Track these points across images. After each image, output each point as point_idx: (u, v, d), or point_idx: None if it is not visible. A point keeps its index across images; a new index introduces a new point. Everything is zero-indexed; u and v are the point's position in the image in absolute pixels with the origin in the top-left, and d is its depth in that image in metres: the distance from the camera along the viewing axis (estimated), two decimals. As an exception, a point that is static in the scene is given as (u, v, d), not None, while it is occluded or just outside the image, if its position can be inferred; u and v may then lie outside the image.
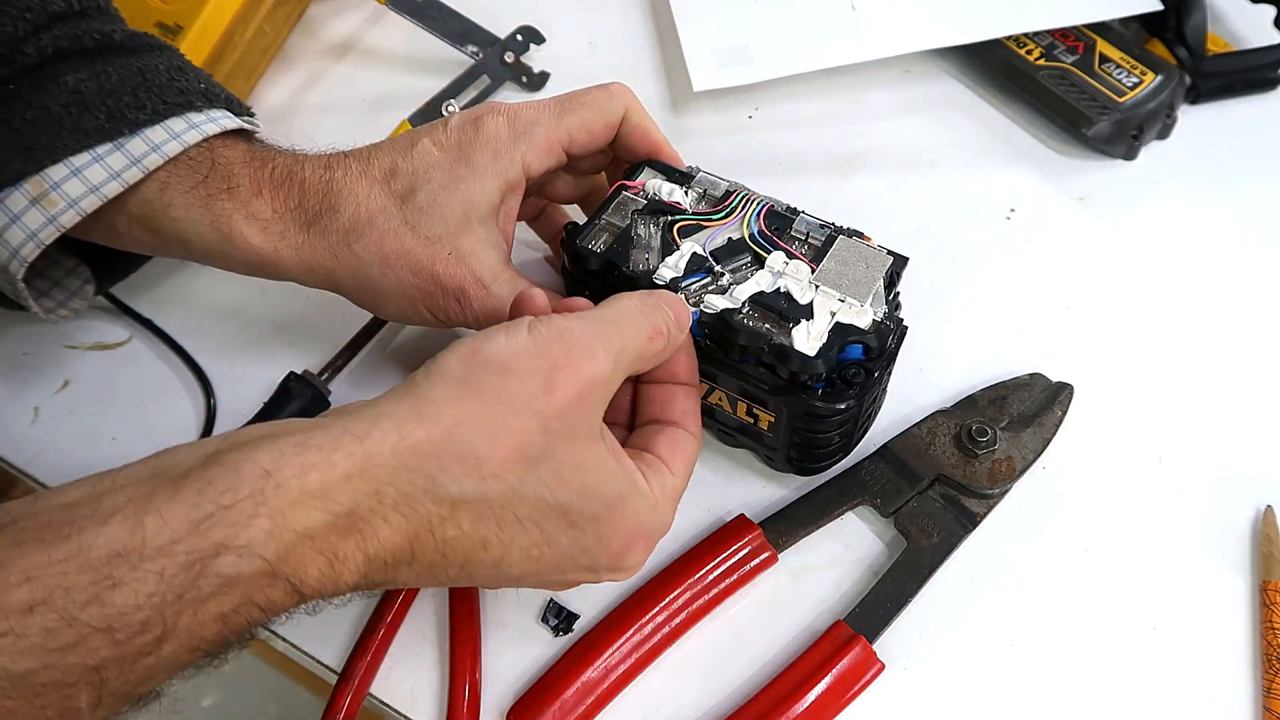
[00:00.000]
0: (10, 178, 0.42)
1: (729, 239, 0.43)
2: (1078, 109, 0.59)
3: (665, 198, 0.45)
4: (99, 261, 0.51)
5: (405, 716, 0.44)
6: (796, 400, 0.42)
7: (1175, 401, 0.52)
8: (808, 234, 0.43)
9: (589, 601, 0.45)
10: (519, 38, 0.65)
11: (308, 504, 0.30)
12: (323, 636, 0.45)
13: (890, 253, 0.43)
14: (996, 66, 0.63)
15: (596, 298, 0.45)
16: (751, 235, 0.43)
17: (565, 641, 0.45)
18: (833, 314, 0.41)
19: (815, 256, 0.43)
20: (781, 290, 0.41)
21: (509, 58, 0.64)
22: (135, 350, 0.54)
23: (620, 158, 0.48)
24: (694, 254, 0.42)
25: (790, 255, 0.42)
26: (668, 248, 0.43)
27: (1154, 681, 0.44)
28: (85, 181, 0.42)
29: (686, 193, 0.45)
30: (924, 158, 0.62)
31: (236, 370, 0.53)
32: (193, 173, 0.43)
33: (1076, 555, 0.47)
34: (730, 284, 0.42)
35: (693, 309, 0.41)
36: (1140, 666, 0.44)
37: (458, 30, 0.64)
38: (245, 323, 0.55)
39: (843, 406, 0.41)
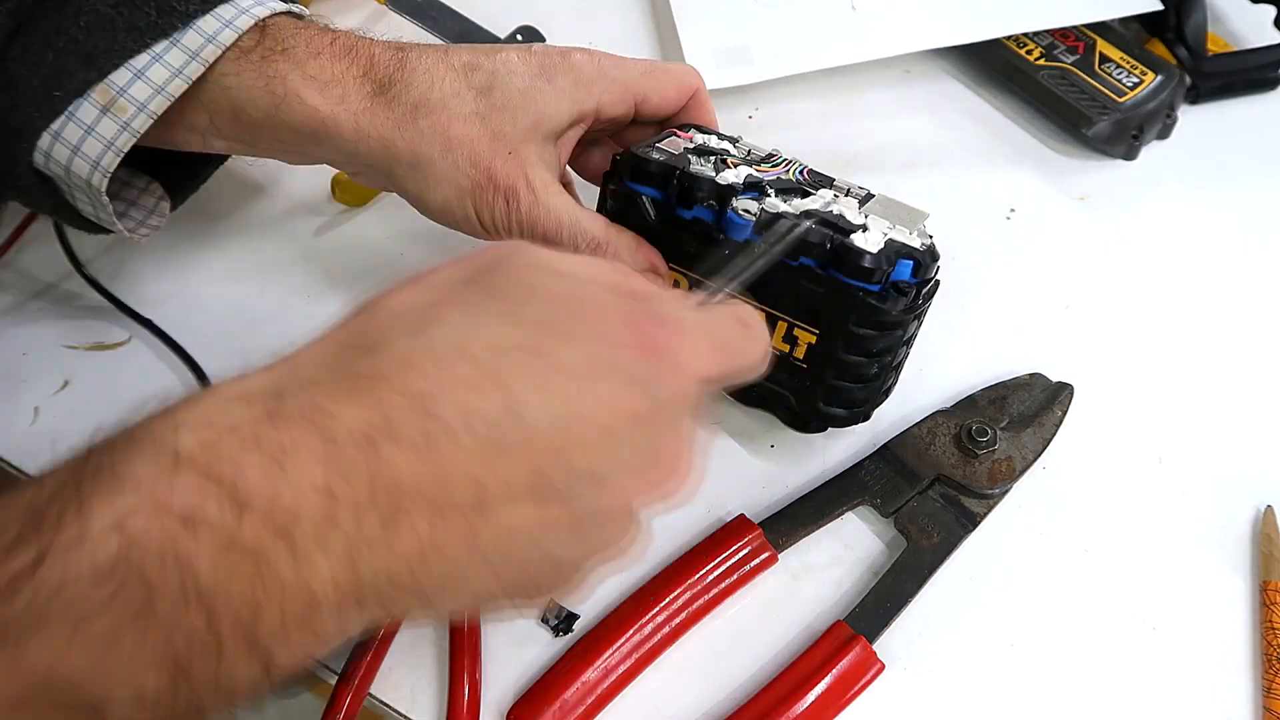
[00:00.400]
0: (77, 88, 0.41)
1: (779, 177, 0.45)
2: (1078, 109, 0.59)
3: (714, 145, 0.46)
4: (168, 176, 0.51)
5: (405, 716, 0.44)
6: (850, 299, 0.41)
7: (1175, 401, 0.52)
8: (848, 189, 0.45)
9: (589, 601, 0.45)
10: (519, 38, 0.65)
11: (225, 409, 0.25)
12: (323, 636, 0.45)
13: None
14: (996, 66, 0.63)
15: (652, 206, 0.44)
16: (798, 180, 0.45)
17: (565, 641, 0.45)
18: (884, 233, 0.42)
19: (859, 202, 0.44)
20: (834, 212, 0.43)
21: (509, 58, 0.64)
22: (135, 350, 0.54)
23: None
24: (750, 175, 0.44)
25: (836, 195, 0.44)
26: (722, 171, 0.44)
27: (1154, 681, 0.44)
28: (150, 83, 0.42)
29: (735, 145, 0.47)
30: (924, 158, 0.62)
31: (237, 370, 0.53)
32: (242, 47, 0.43)
33: (1076, 555, 0.47)
34: (788, 201, 0.43)
35: (747, 216, 0.42)
36: (1140, 666, 0.44)
37: (458, 30, 0.64)
38: (246, 322, 0.55)
39: (894, 314, 0.42)
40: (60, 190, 0.45)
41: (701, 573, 0.45)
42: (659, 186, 0.44)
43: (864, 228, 0.42)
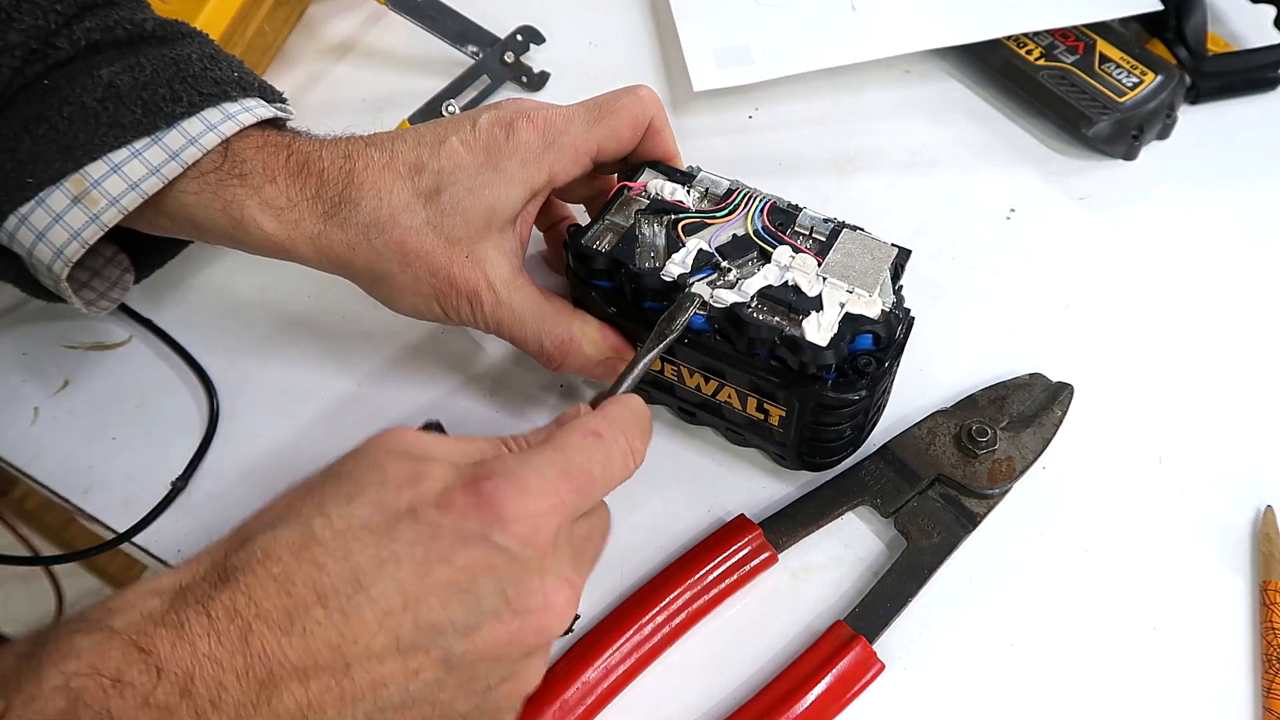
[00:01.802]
0: (51, 176, 0.41)
1: (734, 235, 0.43)
2: (1078, 109, 0.59)
3: (668, 197, 0.45)
4: (135, 249, 0.51)
5: (405, 716, 0.44)
6: (808, 392, 0.42)
7: (1175, 401, 0.52)
8: (811, 229, 0.43)
9: (589, 601, 0.45)
10: (519, 38, 0.65)
11: (143, 600, 0.31)
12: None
13: (894, 245, 0.43)
14: (996, 66, 0.63)
15: (604, 298, 0.45)
16: (756, 231, 0.43)
17: (565, 641, 0.45)
18: (842, 305, 0.41)
19: (820, 250, 0.43)
20: (789, 283, 0.42)
21: (509, 58, 0.64)
22: (135, 350, 0.54)
23: (629, 159, 0.48)
24: (700, 250, 0.43)
25: (796, 249, 0.42)
26: (673, 245, 0.43)
27: (1154, 681, 0.44)
28: (125, 178, 0.42)
29: (688, 191, 0.45)
30: (924, 158, 0.62)
31: (237, 369, 0.53)
32: (202, 168, 0.43)
33: (1076, 555, 0.47)
34: (738, 279, 0.42)
35: (700, 311, 0.41)
36: (1140, 666, 0.44)
37: (458, 30, 0.64)
38: (246, 322, 0.55)
39: (855, 397, 0.42)
40: (22, 262, 0.45)
41: (701, 573, 0.45)
42: (608, 278, 0.44)
43: (818, 305, 0.41)
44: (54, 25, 0.42)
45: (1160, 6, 0.62)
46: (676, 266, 0.42)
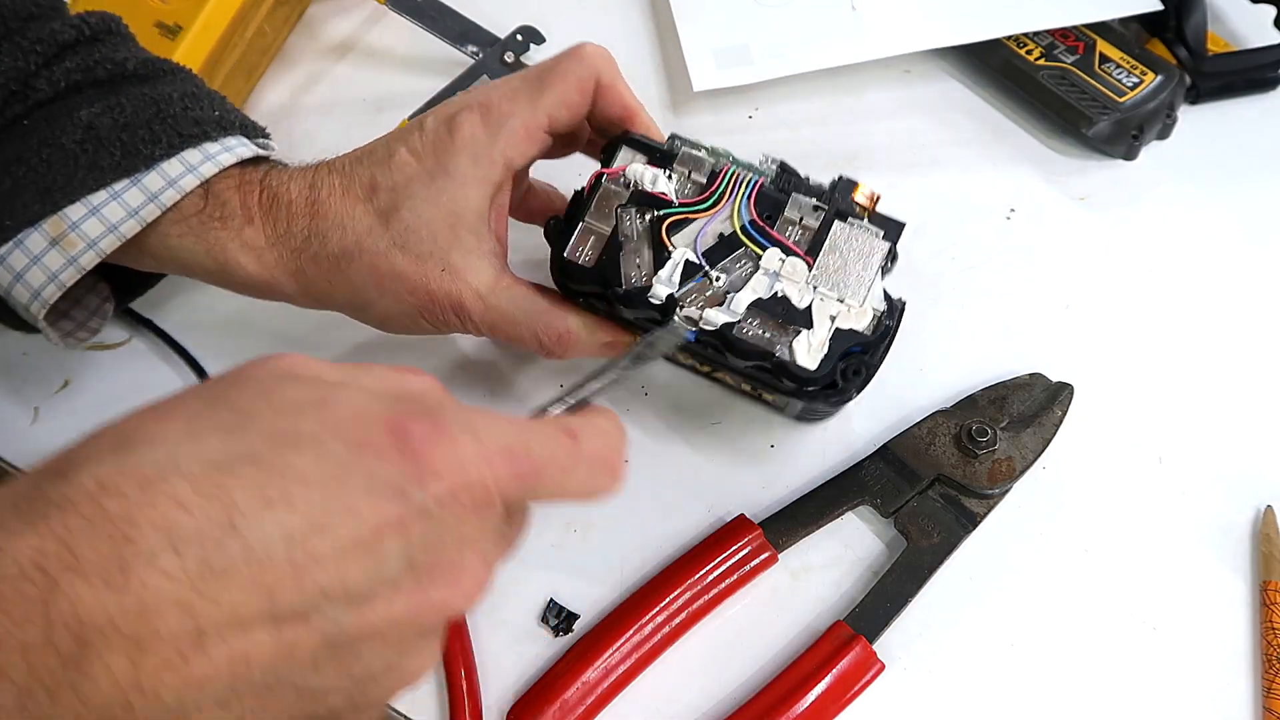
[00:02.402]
0: (29, 218, 0.41)
1: (720, 235, 0.43)
2: (1078, 109, 0.59)
3: (649, 187, 0.43)
4: (119, 278, 0.50)
5: (405, 717, 0.44)
6: (800, 395, 0.42)
7: (1175, 401, 0.52)
8: (801, 218, 0.43)
9: (589, 601, 0.46)
10: (519, 38, 0.65)
11: None
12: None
13: (885, 230, 0.42)
14: (996, 66, 0.63)
15: (590, 307, 0.44)
16: (743, 227, 0.43)
17: (565, 641, 0.45)
18: (832, 319, 0.41)
19: (811, 246, 0.42)
20: (779, 295, 0.41)
21: (509, 58, 0.64)
22: (135, 350, 0.54)
23: (594, 128, 0.46)
24: (687, 261, 0.42)
25: (786, 250, 0.42)
26: (659, 254, 0.42)
27: (1154, 681, 0.44)
28: (104, 220, 0.41)
29: (670, 177, 0.44)
30: (924, 158, 0.62)
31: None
32: (183, 210, 0.43)
33: (1076, 555, 0.47)
34: (727, 289, 0.42)
35: (691, 329, 0.41)
36: (1140, 666, 0.44)
37: (458, 30, 0.64)
38: (245, 322, 0.55)
39: (851, 394, 0.42)
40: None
41: (701, 573, 0.45)
42: (593, 280, 0.43)
43: (808, 320, 0.41)
44: (34, 66, 0.42)
45: (1160, 6, 0.62)
46: (664, 286, 0.41)
